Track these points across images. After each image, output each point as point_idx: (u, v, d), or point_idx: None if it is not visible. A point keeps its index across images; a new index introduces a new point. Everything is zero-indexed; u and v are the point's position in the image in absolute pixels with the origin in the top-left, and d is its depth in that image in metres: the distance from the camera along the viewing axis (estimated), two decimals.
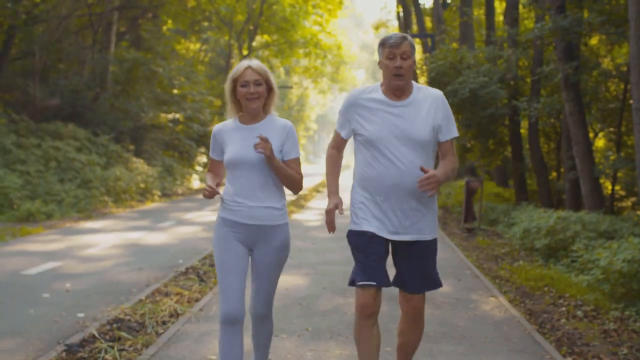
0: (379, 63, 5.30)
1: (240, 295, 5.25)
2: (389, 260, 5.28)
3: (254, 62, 5.34)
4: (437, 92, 5.32)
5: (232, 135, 5.36)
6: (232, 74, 5.34)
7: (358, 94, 5.35)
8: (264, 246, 5.33)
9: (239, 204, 5.26)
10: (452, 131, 5.29)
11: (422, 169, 4.93)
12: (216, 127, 5.51)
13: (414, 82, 5.31)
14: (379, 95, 5.24)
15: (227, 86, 5.37)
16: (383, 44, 5.21)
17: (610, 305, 9.27)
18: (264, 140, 5.08)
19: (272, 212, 5.29)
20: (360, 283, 5.16)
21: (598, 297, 9.65)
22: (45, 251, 13.68)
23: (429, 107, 5.19)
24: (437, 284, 5.41)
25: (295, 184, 5.41)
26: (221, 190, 5.41)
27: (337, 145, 5.55)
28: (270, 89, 5.36)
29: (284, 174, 5.27)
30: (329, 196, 5.39)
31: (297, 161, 5.44)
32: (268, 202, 5.28)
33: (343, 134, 5.43)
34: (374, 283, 5.12)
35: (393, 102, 5.18)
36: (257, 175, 5.26)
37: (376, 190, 5.20)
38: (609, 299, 9.49)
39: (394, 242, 5.26)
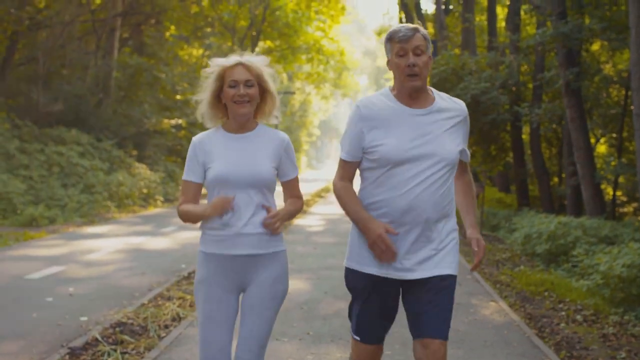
0: (388, 62, 4.39)
1: (226, 353, 4.31)
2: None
3: (246, 58, 4.41)
4: (463, 104, 4.47)
5: (217, 147, 4.37)
6: (217, 69, 4.42)
7: (367, 104, 4.35)
8: (257, 279, 4.34)
9: (226, 232, 4.28)
10: (467, 152, 4.51)
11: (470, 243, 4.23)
12: (196, 139, 4.46)
13: (431, 88, 4.45)
14: (392, 102, 4.32)
15: (210, 86, 4.40)
16: (390, 38, 4.31)
17: (609, 310, 9.33)
18: (274, 216, 4.26)
19: (265, 238, 4.31)
20: (355, 337, 4.53)
21: (598, 301, 9.70)
22: (49, 256, 13.74)
23: (453, 117, 4.36)
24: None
25: (298, 213, 4.60)
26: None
27: (348, 175, 4.44)
28: (264, 91, 4.43)
29: (291, 216, 4.49)
30: (366, 223, 4.25)
31: (296, 181, 4.57)
32: (261, 228, 4.30)
33: (352, 157, 4.38)
34: (374, 344, 4.50)
35: (411, 110, 4.28)
36: (249, 196, 4.31)
37: (385, 217, 4.25)
38: (608, 304, 9.55)
39: (402, 283, 4.34)
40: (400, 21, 39.41)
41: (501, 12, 30.37)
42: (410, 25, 4.32)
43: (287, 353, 7.03)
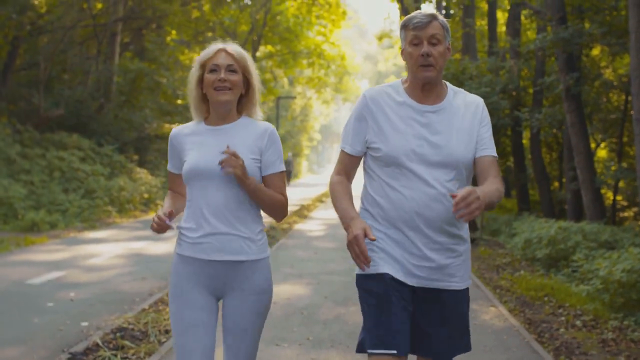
0: (402, 52, 4.02)
1: None
2: None
3: (230, 45, 4.07)
4: (478, 98, 4.08)
5: (192, 139, 4.08)
6: (199, 57, 4.09)
7: (374, 94, 4.01)
8: (238, 290, 3.95)
9: (202, 233, 3.92)
10: (491, 146, 4.03)
11: (452, 196, 3.45)
12: (174, 130, 4.22)
13: (448, 83, 4.08)
14: (401, 95, 3.98)
15: (193, 76, 4.08)
16: (405, 25, 3.93)
17: (609, 315, 9.34)
18: (233, 155, 3.81)
19: (247, 242, 3.93)
20: (375, 351, 3.79)
21: (597, 306, 9.71)
22: (50, 261, 13.76)
23: (469, 116, 3.98)
24: (467, 347, 4.16)
25: (279, 209, 4.09)
26: (176, 222, 4.02)
27: (346, 170, 4.10)
28: (248, 82, 4.10)
29: (264, 198, 3.98)
30: (348, 222, 3.79)
31: (281, 177, 4.09)
32: (242, 229, 3.93)
33: (353, 150, 4.04)
34: (395, 352, 3.76)
35: (420, 106, 3.93)
36: (226, 191, 3.92)
37: (393, 221, 3.89)
38: (608, 309, 9.55)
39: (414, 292, 3.93)
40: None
41: (502, 16, 30.40)
42: (427, 11, 3.95)
43: (287, 358, 7.05)
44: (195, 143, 4.06)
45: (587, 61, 18.84)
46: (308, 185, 49.47)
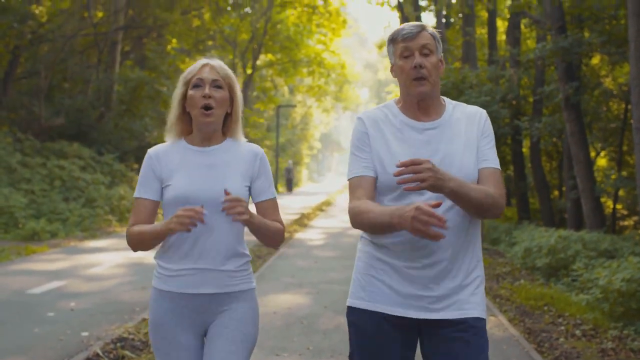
0: (392, 69, 3.69)
1: None
2: None
3: (215, 60, 3.80)
4: (480, 109, 3.71)
5: (176, 160, 3.72)
6: (182, 75, 3.81)
7: (371, 116, 3.66)
8: (222, 322, 3.68)
9: (186, 266, 3.62)
10: (492, 158, 3.60)
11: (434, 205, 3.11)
12: (152, 151, 3.81)
13: (446, 98, 3.75)
14: (397, 116, 3.62)
15: (177, 94, 3.79)
16: (393, 39, 3.62)
17: (609, 325, 9.34)
18: (236, 201, 3.43)
19: (234, 274, 3.68)
20: None
21: (597, 316, 9.72)
22: (50, 270, 13.77)
23: (471, 128, 3.62)
24: None
25: (278, 239, 3.81)
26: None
27: (362, 194, 3.52)
28: (232, 101, 3.80)
29: (266, 233, 3.70)
30: (395, 212, 3.21)
31: (275, 203, 3.85)
32: (229, 260, 3.66)
33: (365, 170, 3.55)
34: None
35: (418, 124, 3.57)
36: (214, 220, 3.60)
37: (393, 245, 3.50)
38: (607, 318, 9.56)
39: (421, 324, 3.52)
40: None
41: (501, 25, 30.45)
42: (416, 22, 3.63)
43: None
44: (180, 165, 3.71)
45: (586, 70, 18.87)
46: (308, 194, 49.45)
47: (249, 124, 49.25)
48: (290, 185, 53.51)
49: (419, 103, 3.58)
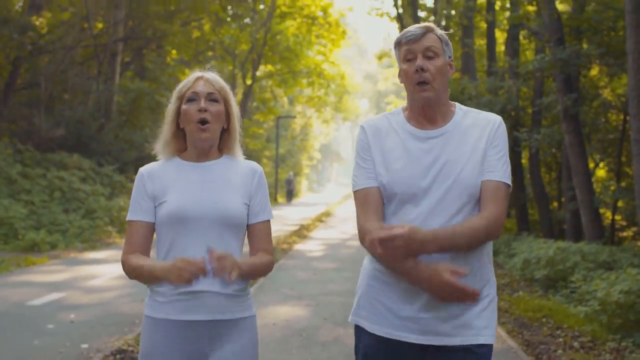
0: (399, 74, 3.49)
1: None
2: None
3: (209, 73, 3.62)
4: (494, 117, 3.49)
5: (171, 176, 3.52)
6: (176, 90, 3.62)
7: (372, 124, 3.52)
8: (221, 351, 3.43)
9: (183, 290, 3.35)
10: (499, 169, 3.34)
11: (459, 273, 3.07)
12: (144, 169, 3.62)
13: (458, 104, 3.54)
14: (402, 123, 3.46)
15: (170, 109, 3.60)
16: (398, 42, 3.45)
17: (607, 336, 9.36)
18: (222, 259, 3.21)
19: (234, 299, 3.44)
20: None
21: (595, 328, 9.74)
22: (50, 282, 13.79)
23: (478, 137, 3.39)
24: None
25: (267, 273, 3.62)
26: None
27: (370, 211, 3.38)
28: (229, 115, 3.60)
29: (256, 273, 3.55)
30: (413, 272, 3.17)
31: (268, 225, 3.63)
32: (226, 283, 3.38)
33: (372, 183, 3.41)
34: None
35: (421, 132, 3.40)
36: (214, 240, 3.38)
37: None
38: (606, 330, 9.58)
39: (423, 349, 3.35)
40: None
41: (500, 36, 30.52)
42: (422, 24, 3.44)
43: None
44: (175, 181, 3.50)
45: (585, 81, 18.92)
46: (308, 205, 49.42)
47: (249, 134, 49.31)
48: (290, 196, 53.52)
49: (424, 109, 3.41)
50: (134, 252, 3.49)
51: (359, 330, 3.49)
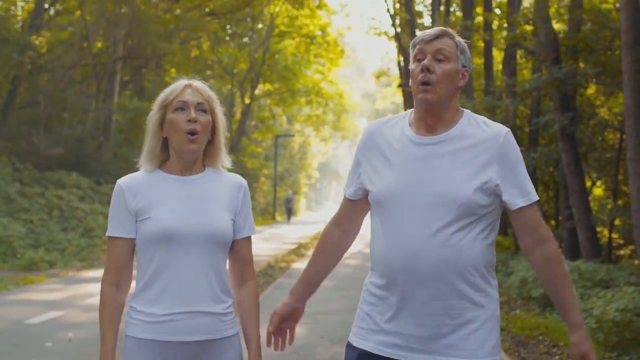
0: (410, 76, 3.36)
1: None
2: None
3: (197, 82, 3.43)
4: (500, 128, 3.27)
5: (156, 192, 3.31)
6: (159, 98, 3.40)
7: (372, 129, 3.46)
8: None
9: (170, 311, 3.21)
10: (528, 190, 3.23)
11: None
12: (123, 182, 3.38)
13: (467, 111, 3.36)
14: (403, 127, 3.34)
15: (154, 118, 3.37)
16: (413, 43, 3.35)
17: (603, 354, 9.39)
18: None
19: (220, 318, 3.30)
20: None
21: (592, 345, 9.76)
22: (49, 300, 13.80)
23: (479, 150, 3.19)
24: None
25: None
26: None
27: (340, 217, 3.58)
28: (215, 126, 3.41)
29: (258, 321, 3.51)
30: (290, 292, 3.65)
31: (250, 242, 3.52)
32: (216, 302, 3.28)
33: (348, 193, 3.51)
34: None
35: (418, 138, 3.26)
36: (201, 258, 3.26)
37: (383, 275, 3.24)
38: (602, 348, 9.61)
39: None
40: (399, 64, 39.66)
41: (498, 55, 30.63)
42: (439, 28, 3.34)
43: None
44: (160, 196, 3.30)
45: (582, 100, 19.03)
46: (306, 223, 49.45)
47: (247, 153, 49.37)
48: (289, 214, 53.54)
49: (426, 113, 3.26)
50: (117, 283, 3.37)
51: (347, 347, 3.42)
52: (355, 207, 3.50)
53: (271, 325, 3.54)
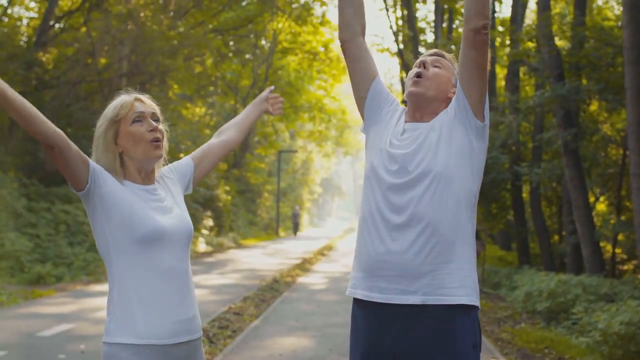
0: None
1: None
2: None
3: (140, 94, 3.55)
4: None
5: (132, 197, 3.32)
6: (109, 113, 3.45)
7: (397, 102, 3.62)
8: None
9: (162, 312, 3.22)
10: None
11: None
12: (97, 167, 3.34)
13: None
14: (400, 116, 3.55)
15: (108, 134, 3.40)
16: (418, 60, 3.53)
17: None
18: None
19: (198, 316, 3.41)
20: None
21: (597, 358, 9.89)
22: (58, 313, 13.92)
23: (451, 114, 3.34)
24: None
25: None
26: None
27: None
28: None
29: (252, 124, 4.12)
30: None
31: (196, 149, 4.00)
32: (194, 300, 3.40)
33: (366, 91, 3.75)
34: None
35: (405, 124, 3.45)
36: (183, 259, 3.36)
37: (359, 259, 3.37)
38: None
39: (393, 310, 3.20)
40: (402, 81, 39.84)
41: (501, 71, 30.83)
42: (439, 50, 3.57)
43: None
44: (136, 200, 3.32)
45: (585, 117, 19.19)
46: (310, 239, 49.50)
47: (250, 168, 49.49)
48: (296, 229, 53.64)
49: (414, 109, 3.44)
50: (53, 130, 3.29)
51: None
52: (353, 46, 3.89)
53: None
